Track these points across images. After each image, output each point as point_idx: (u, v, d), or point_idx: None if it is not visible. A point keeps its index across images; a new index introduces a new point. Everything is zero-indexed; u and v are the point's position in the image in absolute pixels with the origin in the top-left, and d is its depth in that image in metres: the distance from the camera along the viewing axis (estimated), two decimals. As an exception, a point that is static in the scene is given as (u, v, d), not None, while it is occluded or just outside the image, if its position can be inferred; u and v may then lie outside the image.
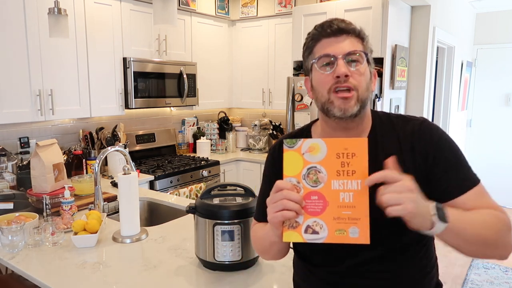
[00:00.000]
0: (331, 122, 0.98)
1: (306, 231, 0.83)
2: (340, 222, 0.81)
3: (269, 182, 1.03)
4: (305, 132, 1.10)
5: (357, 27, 0.97)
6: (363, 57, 0.94)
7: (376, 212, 0.94)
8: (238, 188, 1.48)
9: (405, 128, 0.99)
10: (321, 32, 0.96)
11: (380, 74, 3.13)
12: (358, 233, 0.81)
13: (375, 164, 0.97)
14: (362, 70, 0.94)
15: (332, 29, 0.94)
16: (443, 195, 0.93)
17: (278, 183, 0.85)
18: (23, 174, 2.33)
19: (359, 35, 0.96)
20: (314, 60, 0.96)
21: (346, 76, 0.91)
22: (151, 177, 2.92)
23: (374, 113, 1.04)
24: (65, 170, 2.17)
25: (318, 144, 0.82)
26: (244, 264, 1.38)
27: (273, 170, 1.08)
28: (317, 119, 1.10)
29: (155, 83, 3.22)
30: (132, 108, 3.11)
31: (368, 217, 0.80)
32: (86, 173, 2.85)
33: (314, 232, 0.82)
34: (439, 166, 0.93)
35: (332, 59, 0.93)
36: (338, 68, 0.91)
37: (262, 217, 1.11)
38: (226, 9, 4.06)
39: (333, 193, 0.82)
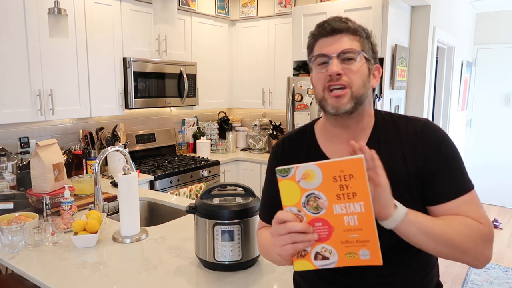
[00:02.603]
0: (330, 118, 1.01)
1: (316, 258, 0.81)
2: (349, 245, 0.79)
3: (272, 183, 1.03)
4: (308, 130, 1.11)
5: (353, 25, 0.98)
6: (357, 54, 0.95)
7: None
8: (238, 188, 1.48)
9: (407, 128, 0.99)
10: (319, 31, 0.99)
11: (380, 74, 3.13)
12: (369, 255, 0.79)
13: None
14: (356, 67, 0.95)
15: (327, 29, 0.97)
16: (437, 198, 0.94)
17: (279, 214, 0.83)
18: (23, 174, 2.33)
19: (356, 33, 0.97)
20: (312, 60, 1.00)
21: (339, 74, 0.94)
22: (151, 177, 2.92)
23: (377, 112, 1.05)
24: (65, 170, 2.17)
25: (312, 170, 0.79)
26: (244, 264, 1.38)
27: None
28: (320, 117, 1.11)
29: (155, 83, 3.22)
30: (132, 108, 3.11)
31: (377, 239, 0.78)
32: (86, 173, 2.85)
33: (324, 258, 0.81)
34: (440, 170, 0.94)
35: (326, 58, 0.96)
36: (330, 67, 0.94)
37: (265, 217, 1.12)
38: (226, 9, 4.06)
39: (336, 218, 0.79)
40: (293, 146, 1.10)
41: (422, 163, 0.95)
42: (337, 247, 0.80)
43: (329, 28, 0.97)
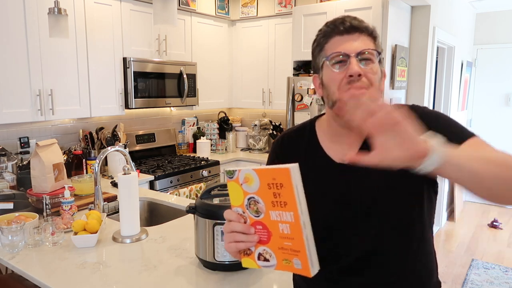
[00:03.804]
0: (339, 120, 0.97)
1: (259, 258, 0.84)
2: (285, 252, 0.80)
3: None
4: (307, 128, 1.08)
5: (370, 26, 0.95)
6: (376, 56, 0.93)
7: (375, 206, 0.94)
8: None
9: None
10: (333, 29, 0.94)
11: (380, 74, 3.13)
12: (301, 265, 0.79)
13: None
14: (375, 69, 0.92)
15: (345, 26, 0.92)
16: None
17: (226, 213, 0.86)
18: (23, 174, 2.33)
19: (372, 34, 0.94)
20: (326, 58, 0.94)
21: (359, 75, 0.90)
22: (151, 177, 2.92)
23: None
24: (65, 170, 2.17)
25: (251, 175, 0.80)
26: (244, 264, 1.38)
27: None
28: (321, 114, 1.08)
29: (155, 83, 3.22)
30: (132, 108, 3.11)
31: (305, 251, 0.78)
32: (86, 173, 2.85)
33: (265, 259, 0.83)
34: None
35: (345, 57, 0.91)
36: (351, 66, 0.90)
37: None
38: (226, 9, 4.06)
39: (273, 224, 0.80)
40: (292, 143, 1.08)
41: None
42: (275, 251, 0.81)
43: (348, 26, 0.92)
